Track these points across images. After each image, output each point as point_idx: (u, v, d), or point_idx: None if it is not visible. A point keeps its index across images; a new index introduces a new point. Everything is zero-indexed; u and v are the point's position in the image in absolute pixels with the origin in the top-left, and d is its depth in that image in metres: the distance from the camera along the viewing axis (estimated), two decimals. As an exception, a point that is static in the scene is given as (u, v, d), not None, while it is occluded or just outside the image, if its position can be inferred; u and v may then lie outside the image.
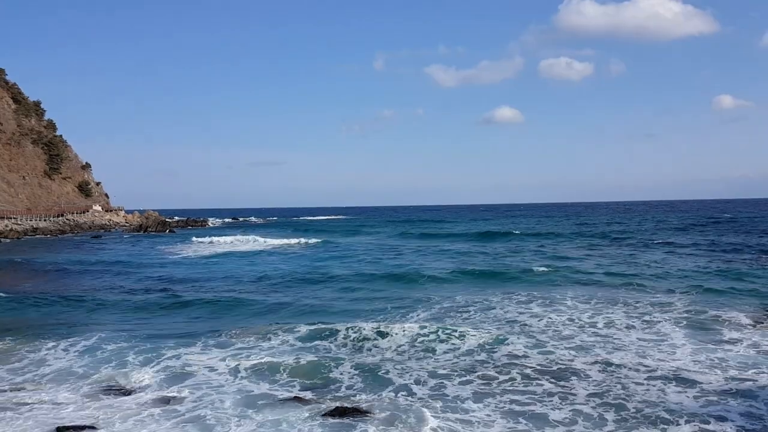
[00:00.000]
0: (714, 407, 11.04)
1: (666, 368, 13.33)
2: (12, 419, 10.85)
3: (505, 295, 23.47)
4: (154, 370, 13.84)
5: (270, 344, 16.24)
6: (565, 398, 11.63)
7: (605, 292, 24.04)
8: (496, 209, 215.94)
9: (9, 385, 12.92)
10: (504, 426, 10.36)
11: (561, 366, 13.64)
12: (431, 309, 21.13)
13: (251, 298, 24.32)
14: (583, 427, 10.33)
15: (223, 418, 10.85)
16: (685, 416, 10.62)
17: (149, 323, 19.96)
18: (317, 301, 23.68)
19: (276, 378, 13.14)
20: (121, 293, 26.65)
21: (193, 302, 23.47)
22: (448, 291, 25.35)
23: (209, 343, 16.39)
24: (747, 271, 29.13)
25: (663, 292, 23.72)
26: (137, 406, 11.55)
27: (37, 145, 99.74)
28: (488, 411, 11.04)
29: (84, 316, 21.16)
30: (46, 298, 24.56)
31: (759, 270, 29.71)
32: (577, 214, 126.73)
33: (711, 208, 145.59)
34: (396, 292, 25.33)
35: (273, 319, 19.89)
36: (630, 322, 18.22)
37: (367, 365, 13.96)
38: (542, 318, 19.04)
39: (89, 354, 15.51)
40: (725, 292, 23.31)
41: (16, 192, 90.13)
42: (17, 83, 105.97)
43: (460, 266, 33.77)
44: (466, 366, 13.83)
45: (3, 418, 10.86)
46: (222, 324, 19.21)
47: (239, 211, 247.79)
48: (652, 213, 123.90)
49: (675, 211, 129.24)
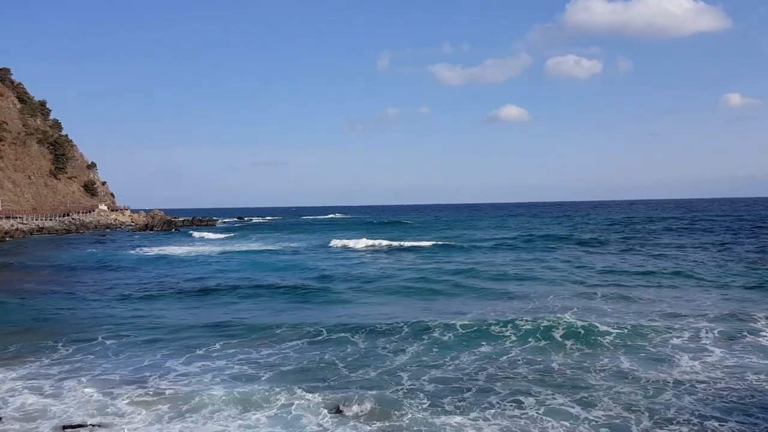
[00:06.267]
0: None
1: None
2: (19, 418, 10.65)
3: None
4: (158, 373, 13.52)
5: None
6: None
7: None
8: (500, 208, 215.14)
9: (20, 385, 12.66)
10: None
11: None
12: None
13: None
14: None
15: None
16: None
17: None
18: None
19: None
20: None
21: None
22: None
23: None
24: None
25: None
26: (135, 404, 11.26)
27: (42, 144, 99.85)
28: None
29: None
30: (46, 298, 24.27)
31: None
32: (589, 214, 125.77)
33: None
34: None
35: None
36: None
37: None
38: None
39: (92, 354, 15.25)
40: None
41: (21, 191, 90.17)
42: (22, 83, 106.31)
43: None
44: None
45: (8, 418, 10.67)
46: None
47: (243, 210, 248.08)
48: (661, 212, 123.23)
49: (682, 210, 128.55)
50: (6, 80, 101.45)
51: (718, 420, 10.19)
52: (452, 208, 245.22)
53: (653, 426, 10.05)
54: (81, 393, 12.01)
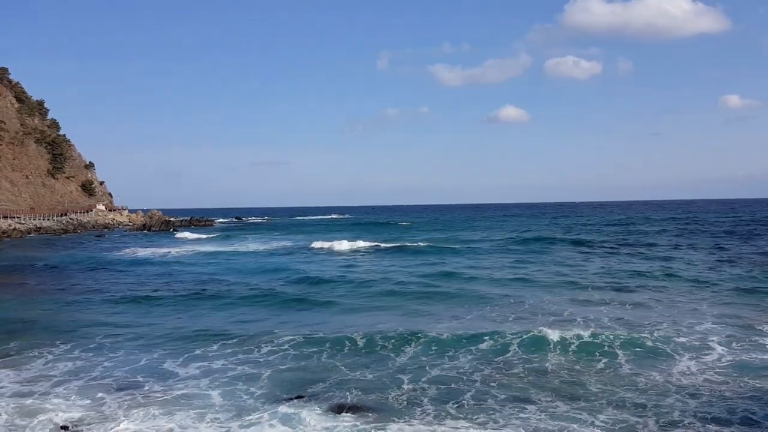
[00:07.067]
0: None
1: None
2: (18, 419, 10.57)
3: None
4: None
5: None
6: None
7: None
8: (498, 209, 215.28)
9: (16, 386, 12.55)
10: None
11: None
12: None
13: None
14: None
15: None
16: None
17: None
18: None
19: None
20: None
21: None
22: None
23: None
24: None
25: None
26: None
27: (40, 144, 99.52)
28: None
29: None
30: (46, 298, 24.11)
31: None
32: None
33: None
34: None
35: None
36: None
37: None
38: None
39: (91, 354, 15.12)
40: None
41: (19, 191, 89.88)
42: (20, 82, 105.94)
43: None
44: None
45: (9, 419, 10.60)
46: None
47: (243, 210, 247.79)
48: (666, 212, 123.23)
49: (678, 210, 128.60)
50: (4, 80, 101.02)
51: (721, 423, 10.10)
52: (452, 209, 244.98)
53: (659, 430, 9.94)
54: (78, 394, 11.90)
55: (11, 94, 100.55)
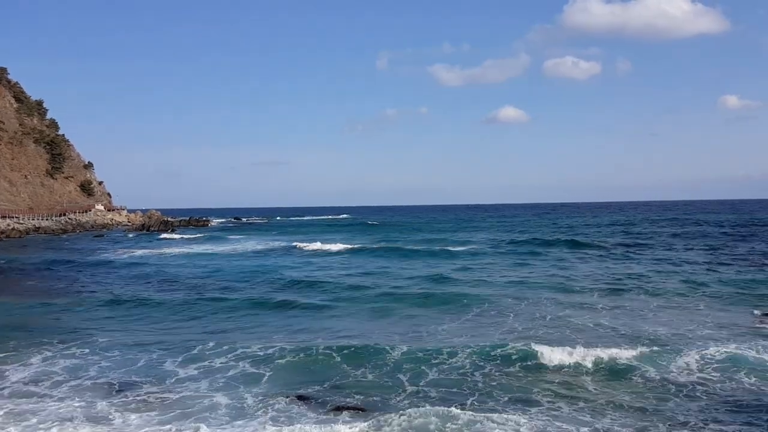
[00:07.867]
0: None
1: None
2: (18, 422, 10.46)
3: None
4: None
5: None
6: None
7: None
8: (498, 209, 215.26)
9: (13, 387, 12.47)
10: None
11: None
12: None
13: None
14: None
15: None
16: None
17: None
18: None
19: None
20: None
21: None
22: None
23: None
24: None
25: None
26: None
27: (39, 144, 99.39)
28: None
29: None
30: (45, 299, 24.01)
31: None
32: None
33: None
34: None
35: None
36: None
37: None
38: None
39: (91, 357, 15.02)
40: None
41: (18, 191, 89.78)
42: (19, 82, 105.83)
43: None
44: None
45: (9, 422, 10.49)
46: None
47: (244, 210, 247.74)
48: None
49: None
50: (3, 79, 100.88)
51: (721, 423, 10.05)
52: (452, 209, 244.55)
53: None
54: (79, 395, 11.81)
55: (10, 94, 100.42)
